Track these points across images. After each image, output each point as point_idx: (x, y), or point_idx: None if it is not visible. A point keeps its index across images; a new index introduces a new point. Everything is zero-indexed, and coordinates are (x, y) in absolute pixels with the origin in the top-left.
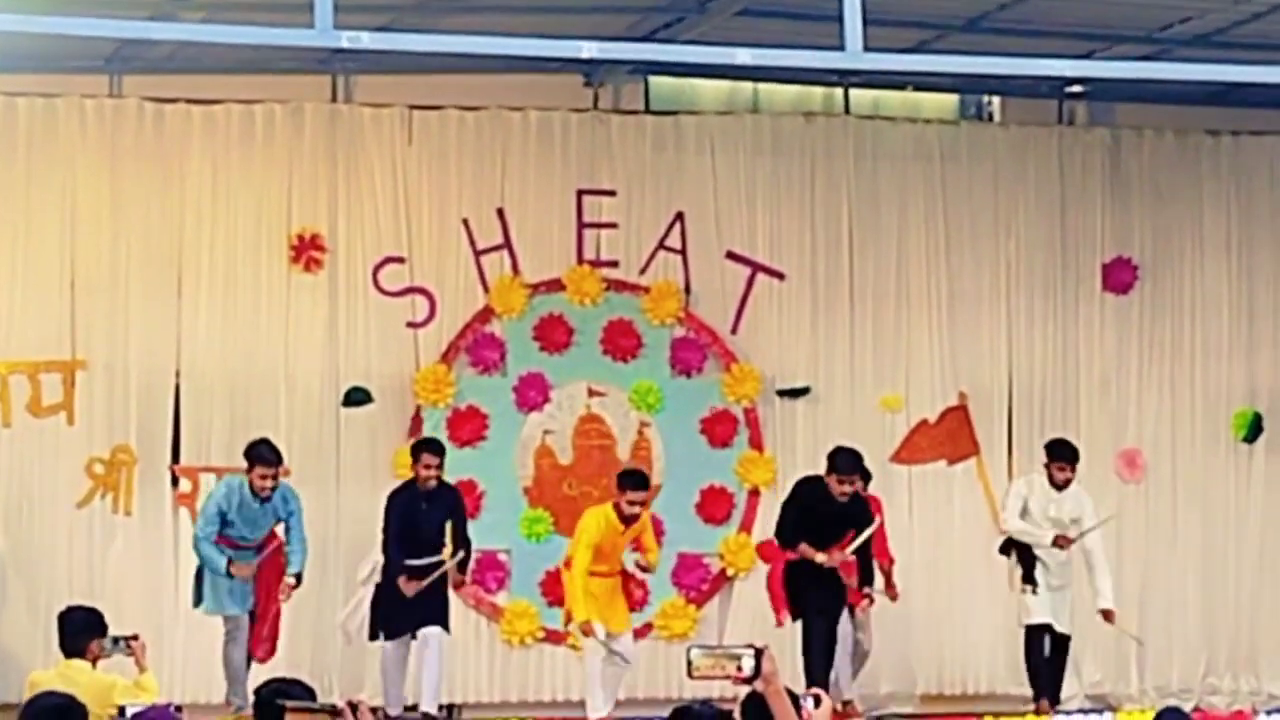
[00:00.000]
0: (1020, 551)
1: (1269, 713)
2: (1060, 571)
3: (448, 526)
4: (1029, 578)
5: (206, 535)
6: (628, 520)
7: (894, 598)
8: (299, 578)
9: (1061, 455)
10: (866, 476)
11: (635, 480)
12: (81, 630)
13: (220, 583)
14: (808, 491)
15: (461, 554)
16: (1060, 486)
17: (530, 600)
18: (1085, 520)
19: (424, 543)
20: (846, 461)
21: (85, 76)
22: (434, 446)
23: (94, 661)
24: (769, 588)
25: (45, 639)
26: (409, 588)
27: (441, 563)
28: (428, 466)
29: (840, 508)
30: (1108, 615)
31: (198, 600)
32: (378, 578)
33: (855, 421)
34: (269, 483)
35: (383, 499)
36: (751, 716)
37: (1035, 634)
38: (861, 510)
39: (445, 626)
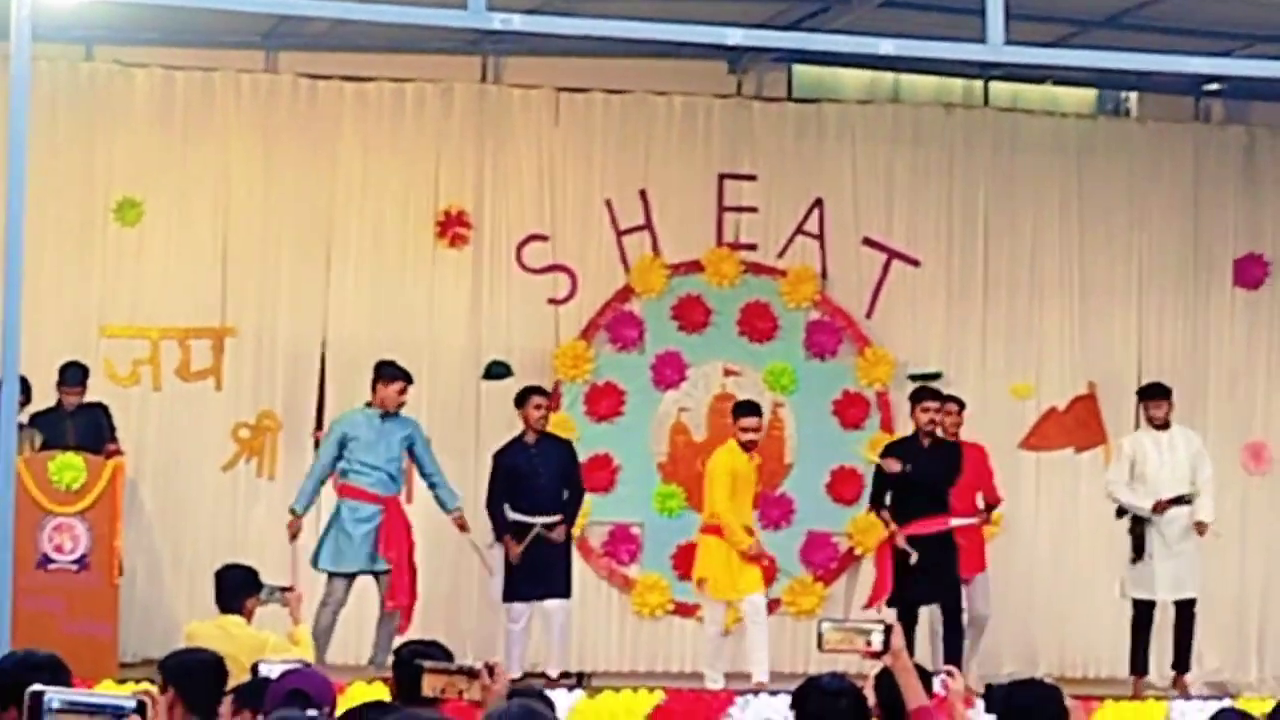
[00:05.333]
0: (1132, 520)
1: None
2: (1182, 535)
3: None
4: (1139, 549)
5: (313, 470)
6: (747, 448)
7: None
8: (460, 513)
9: (1149, 394)
10: (960, 405)
11: (745, 408)
12: (239, 588)
13: (340, 538)
14: (893, 452)
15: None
16: (1161, 425)
17: (661, 573)
18: (1200, 469)
19: (537, 498)
20: (925, 389)
21: (242, 52)
22: (541, 391)
23: (249, 617)
24: (877, 565)
25: (189, 597)
26: (513, 549)
27: (553, 524)
28: (538, 407)
29: (926, 466)
30: (1200, 527)
31: (316, 559)
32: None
33: (986, 407)
34: (405, 398)
35: None
36: (885, 693)
37: (1139, 607)
38: (952, 468)
39: (567, 594)
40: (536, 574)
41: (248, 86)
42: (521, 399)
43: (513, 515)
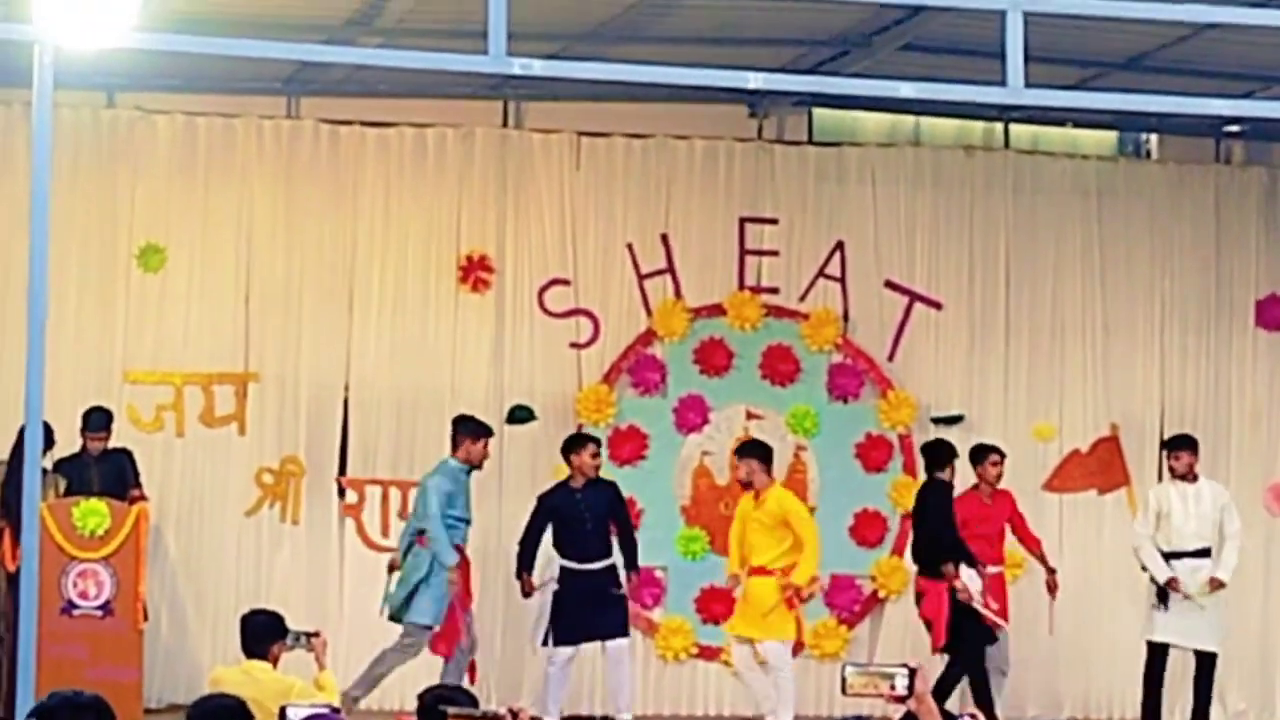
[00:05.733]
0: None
1: None
2: (1205, 587)
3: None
4: (1162, 598)
5: (442, 514)
6: (745, 486)
7: (1054, 586)
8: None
9: (1173, 445)
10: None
11: (739, 448)
12: (264, 633)
13: (433, 590)
14: (944, 492)
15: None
16: (1184, 477)
17: (685, 617)
18: (1228, 523)
19: (585, 544)
20: (985, 445)
21: (263, 98)
22: (596, 440)
23: (275, 663)
24: (931, 615)
25: (212, 642)
26: (528, 584)
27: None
28: (594, 455)
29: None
30: (1214, 583)
31: (404, 609)
32: (555, 585)
33: (1008, 449)
34: (487, 453)
35: None
36: None
37: (1153, 651)
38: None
39: (625, 632)
40: (587, 615)
41: (269, 132)
42: (576, 446)
43: (561, 561)
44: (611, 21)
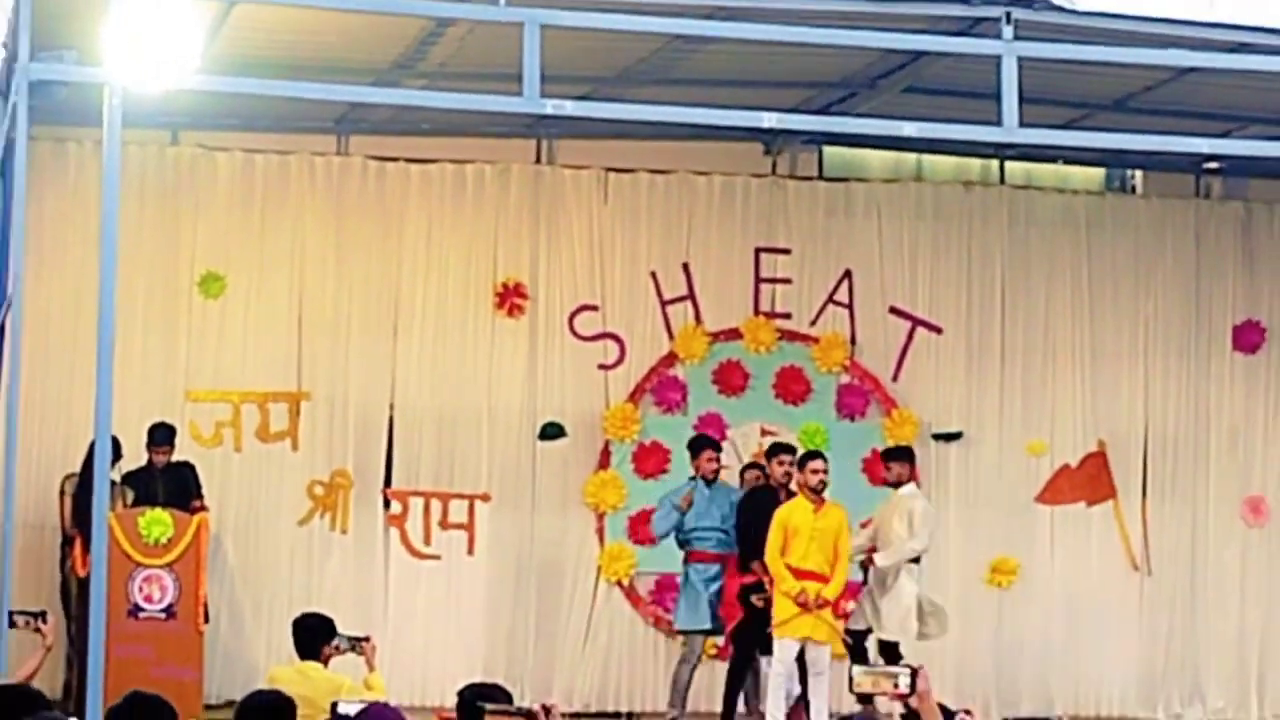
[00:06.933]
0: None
1: None
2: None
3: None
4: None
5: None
6: (815, 492)
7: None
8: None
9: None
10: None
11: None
12: (315, 635)
13: (695, 597)
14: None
15: None
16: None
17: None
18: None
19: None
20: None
21: (315, 136)
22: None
23: (326, 662)
24: None
25: (267, 643)
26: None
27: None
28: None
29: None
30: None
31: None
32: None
33: (1003, 464)
34: (714, 465)
35: (574, 523)
36: None
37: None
38: None
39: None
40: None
41: (321, 168)
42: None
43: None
44: (637, 65)
